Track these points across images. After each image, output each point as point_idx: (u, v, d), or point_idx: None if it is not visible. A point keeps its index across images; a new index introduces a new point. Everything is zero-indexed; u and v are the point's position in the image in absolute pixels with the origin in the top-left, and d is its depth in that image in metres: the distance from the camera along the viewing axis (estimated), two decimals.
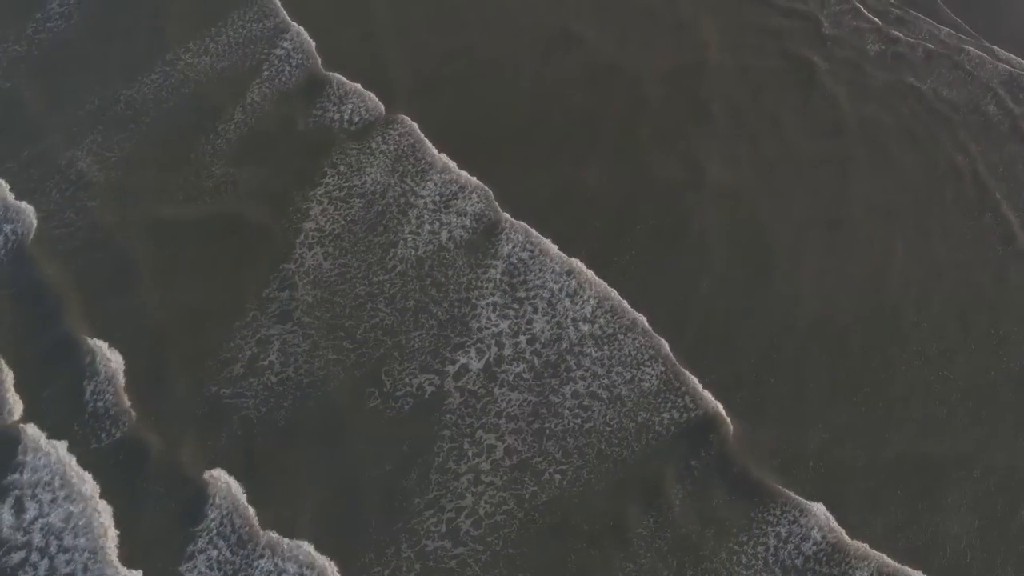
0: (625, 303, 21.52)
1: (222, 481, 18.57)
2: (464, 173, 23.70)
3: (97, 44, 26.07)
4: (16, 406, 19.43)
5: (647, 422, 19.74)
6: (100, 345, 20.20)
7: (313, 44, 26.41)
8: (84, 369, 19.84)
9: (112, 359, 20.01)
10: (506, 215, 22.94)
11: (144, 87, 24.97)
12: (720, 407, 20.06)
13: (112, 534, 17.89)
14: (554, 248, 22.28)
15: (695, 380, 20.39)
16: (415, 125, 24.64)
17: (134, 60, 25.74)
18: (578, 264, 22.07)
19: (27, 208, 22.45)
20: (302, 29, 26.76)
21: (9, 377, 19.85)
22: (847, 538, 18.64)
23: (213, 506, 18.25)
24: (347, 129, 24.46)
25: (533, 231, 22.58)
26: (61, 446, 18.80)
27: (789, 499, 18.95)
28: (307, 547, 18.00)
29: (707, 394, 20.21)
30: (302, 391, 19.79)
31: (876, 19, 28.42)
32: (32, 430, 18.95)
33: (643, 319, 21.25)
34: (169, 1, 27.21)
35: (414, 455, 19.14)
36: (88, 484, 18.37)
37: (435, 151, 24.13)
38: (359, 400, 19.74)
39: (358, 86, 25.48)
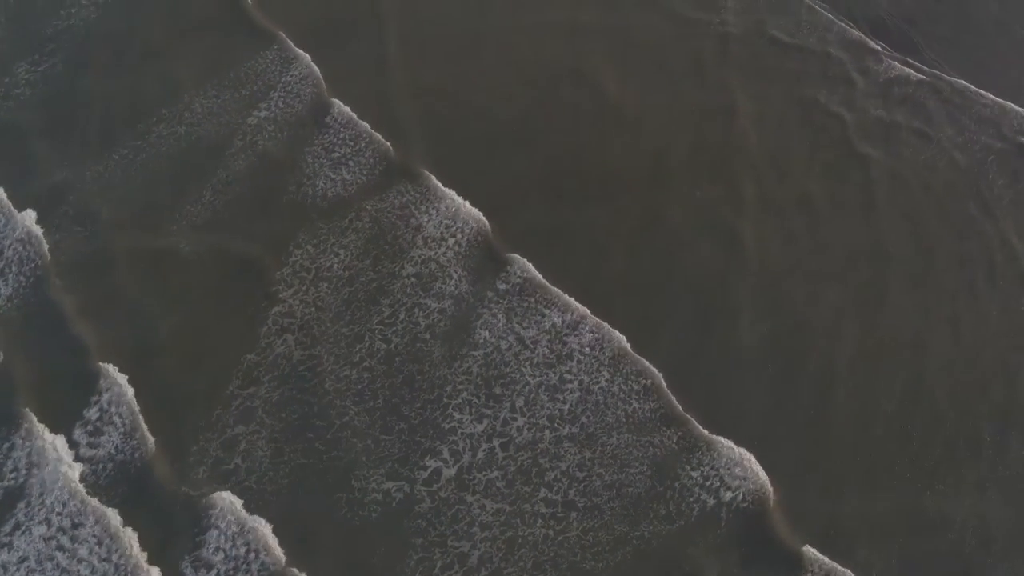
0: (659, 374, 20.84)
1: None
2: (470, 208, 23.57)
3: (65, 113, 25.34)
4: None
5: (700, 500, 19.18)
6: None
7: (320, 73, 26.23)
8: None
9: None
10: (511, 254, 22.64)
11: (111, 162, 24.23)
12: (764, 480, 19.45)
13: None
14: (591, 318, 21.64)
15: (751, 457, 19.73)
16: (432, 177, 24.02)
17: (102, 130, 25.03)
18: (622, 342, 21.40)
19: None
20: (307, 56, 26.56)
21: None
22: None
23: None
24: (320, 206, 23.73)
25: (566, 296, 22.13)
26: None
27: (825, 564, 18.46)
28: None
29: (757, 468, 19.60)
30: (264, 500, 19.14)
31: (909, 70, 26.94)
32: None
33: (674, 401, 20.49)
34: (145, 66, 26.51)
35: (383, 568, 18.51)
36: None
37: (452, 194, 23.74)
38: (328, 508, 19.08)
39: (372, 129, 24.99)
